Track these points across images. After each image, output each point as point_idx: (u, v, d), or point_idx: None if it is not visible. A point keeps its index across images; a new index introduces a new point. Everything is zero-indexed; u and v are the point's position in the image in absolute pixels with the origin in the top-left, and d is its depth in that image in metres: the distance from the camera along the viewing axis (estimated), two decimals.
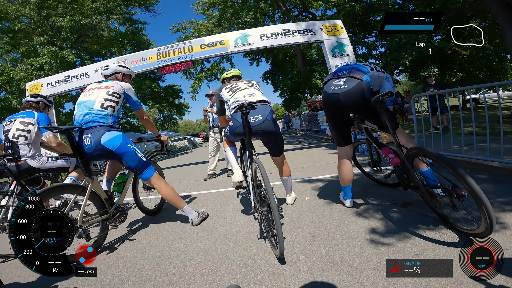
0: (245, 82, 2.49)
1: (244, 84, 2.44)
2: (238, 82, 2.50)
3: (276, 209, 1.60)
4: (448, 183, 1.66)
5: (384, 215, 2.13)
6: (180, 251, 2.02)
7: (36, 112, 2.75)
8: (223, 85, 2.55)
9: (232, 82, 2.53)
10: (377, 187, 2.86)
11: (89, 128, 2.15)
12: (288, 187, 2.69)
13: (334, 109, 2.16)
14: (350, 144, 2.32)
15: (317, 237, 1.91)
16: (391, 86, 2.21)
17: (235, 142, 2.51)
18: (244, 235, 2.13)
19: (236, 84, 2.46)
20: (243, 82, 2.48)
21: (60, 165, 2.75)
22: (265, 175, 1.77)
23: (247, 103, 1.99)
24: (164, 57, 7.41)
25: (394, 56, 11.52)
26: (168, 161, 12.48)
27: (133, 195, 2.97)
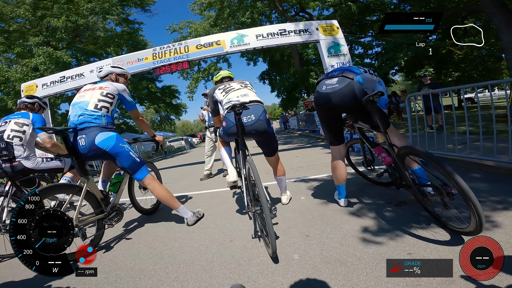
0: (238, 82, 2.51)
1: (237, 85, 2.45)
2: (232, 82, 2.51)
3: (267, 208, 1.62)
4: (439, 182, 1.68)
5: (378, 214, 2.15)
6: (175, 250, 2.02)
7: (31, 113, 2.75)
8: (216, 86, 2.56)
9: (225, 83, 2.55)
10: (372, 187, 2.88)
11: (83, 129, 2.17)
12: (283, 187, 2.70)
13: (326, 108, 2.18)
14: (343, 143, 2.35)
15: (311, 237, 1.93)
16: (383, 89, 2.24)
17: (230, 142, 2.53)
18: (239, 235, 2.14)
19: (230, 84, 2.47)
20: (236, 83, 2.49)
21: (55, 166, 2.74)
22: (256, 174, 1.78)
23: (240, 103, 2.00)
24: (160, 58, 7.40)
25: (390, 56, 11.61)
26: (165, 161, 12.46)
27: (128, 195, 2.97)
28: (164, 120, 27.11)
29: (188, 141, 23.67)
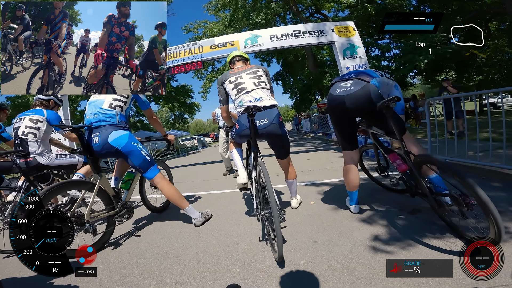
0: (252, 77, 2.26)
1: (251, 82, 2.23)
2: (244, 74, 2.27)
3: (276, 212, 1.58)
4: (457, 191, 1.59)
5: (390, 222, 2.07)
6: (181, 251, 2.02)
7: (45, 110, 2.82)
8: (228, 74, 2.32)
9: (237, 71, 2.31)
10: (385, 193, 2.78)
11: (97, 127, 2.22)
12: (293, 190, 2.64)
13: (339, 112, 2.11)
14: (356, 149, 2.27)
15: (319, 243, 1.87)
16: (399, 94, 2.16)
17: (242, 144, 2.50)
18: (245, 238, 2.11)
19: (242, 79, 2.25)
20: (249, 77, 2.25)
21: (68, 162, 2.82)
22: (267, 177, 1.75)
23: (253, 106, 1.95)
24: (175, 57, 7.50)
25: (409, 58, 11.26)
26: (177, 160, 12.63)
27: (139, 193, 3.00)
28: (178, 119, 27.54)
29: (200, 140, 23.90)
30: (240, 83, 2.25)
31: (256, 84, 2.24)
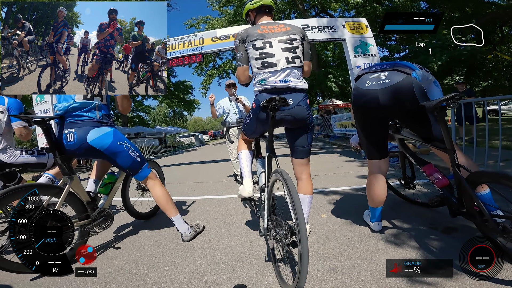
0: (285, 48, 1.66)
1: (283, 57, 1.64)
2: (275, 42, 1.65)
3: (305, 238, 1.15)
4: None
5: (421, 243, 1.69)
6: (163, 276, 1.60)
7: (6, 98, 2.34)
8: (255, 33, 1.68)
9: (266, 32, 1.67)
10: (407, 206, 2.40)
11: (72, 123, 1.84)
12: (306, 211, 1.81)
13: (370, 110, 1.68)
14: (386, 157, 1.83)
15: (338, 271, 1.48)
16: (440, 93, 1.76)
17: (251, 144, 2.06)
18: (244, 261, 1.70)
19: (271, 48, 1.64)
20: (282, 47, 1.65)
21: (35, 161, 2.39)
22: (294, 191, 1.27)
23: (280, 98, 1.47)
24: (173, 49, 7.07)
25: (420, 60, 10.85)
26: (172, 158, 12.11)
27: (121, 197, 2.59)
28: (176, 115, 27.14)
29: (198, 137, 23.40)
30: (267, 55, 1.64)
31: (290, 60, 1.64)
